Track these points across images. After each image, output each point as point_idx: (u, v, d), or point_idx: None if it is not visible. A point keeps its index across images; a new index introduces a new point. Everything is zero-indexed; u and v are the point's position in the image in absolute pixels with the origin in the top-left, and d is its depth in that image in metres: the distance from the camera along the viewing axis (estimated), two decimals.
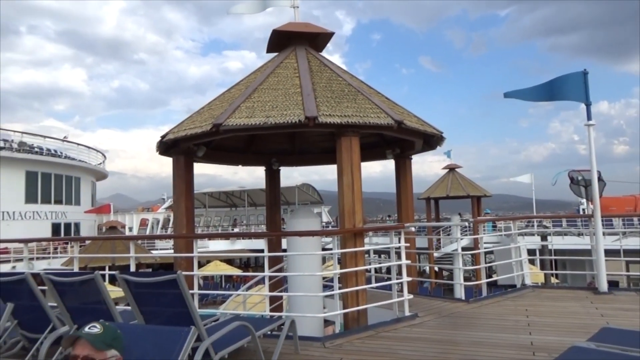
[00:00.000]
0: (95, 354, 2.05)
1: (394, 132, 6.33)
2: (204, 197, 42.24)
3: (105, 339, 2.09)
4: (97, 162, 33.72)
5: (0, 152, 24.75)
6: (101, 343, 2.08)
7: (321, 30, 7.65)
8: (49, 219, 27.09)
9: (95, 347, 2.06)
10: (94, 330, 2.09)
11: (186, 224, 7.03)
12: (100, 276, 3.84)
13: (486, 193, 26.25)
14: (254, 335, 3.77)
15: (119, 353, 2.13)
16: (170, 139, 6.67)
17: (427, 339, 4.99)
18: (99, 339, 2.07)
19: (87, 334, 2.05)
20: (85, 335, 2.05)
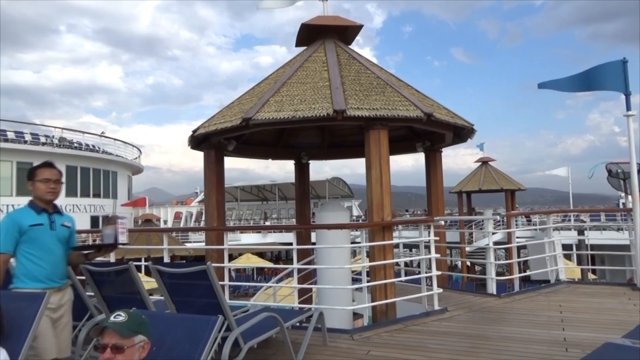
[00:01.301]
0: (123, 341, 2.11)
1: (423, 124, 6.27)
2: (236, 191, 42.85)
3: (131, 325, 2.16)
4: (133, 156, 34.61)
5: (42, 148, 25.74)
6: (127, 330, 2.14)
7: (350, 23, 7.63)
8: (88, 212, 28.03)
9: (122, 335, 2.11)
10: (119, 318, 2.16)
11: (217, 217, 7.16)
12: (134, 267, 3.97)
13: (520, 187, 25.63)
14: (282, 326, 3.82)
15: (146, 338, 2.20)
16: (201, 133, 6.80)
17: (456, 333, 4.96)
18: (124, 327, 2.13)
19: (112, 323, 2.13)
20: (111, 324, 2.13)
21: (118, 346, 2.11)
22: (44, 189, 3.23)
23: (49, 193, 3.25)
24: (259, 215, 45.78)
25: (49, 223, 3.23)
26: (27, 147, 25.16)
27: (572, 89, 7.41)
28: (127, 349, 2.11)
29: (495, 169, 26.05)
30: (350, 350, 4.46)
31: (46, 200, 3.27)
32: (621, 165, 9.65)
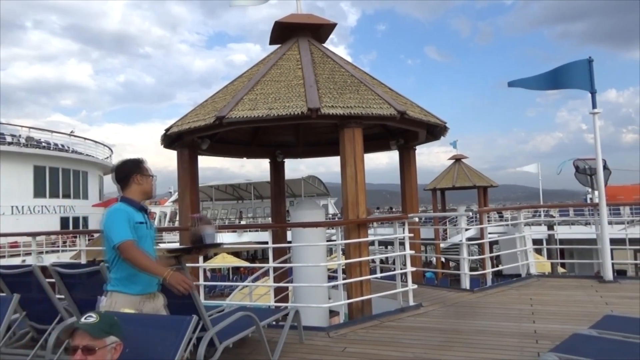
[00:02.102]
0: (94, 342, 2.08)
1: (396, 122, 6.33)
2: (210, 190, 42.40)
3: (103, 326, 2.12)
4: (104, 156, 33.91)
5: (8, 147, 24.95)
6: (99, 331, 2.10)
7: (323, 21, 7.64)
8: (57, 213, 27.32)
9: (93, 336, 2.08)
10: (90, 319, 2.12)
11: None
12: (106, 268, 3.89)
13: (492, 183, 26.16)
14: (258, 325, 3.81)
15: (118, 339, 2.16)
16: (174, 132, 6.71)
17: (430, 328, 5.03)
18: (95, 328, 2.10)
19: (83, 324, 2.09)
20: (82, 325, 2.09)
21: (89, 347, 2.07)
22: (152, 184, 3.07)
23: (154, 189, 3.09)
24: (234, 214, 45.43)
25: (147, 222, 3.02)
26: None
27: (541, 87, 7.59)
28: (98, 350, 2.08)
29: (468, 166, 26.52)
30: (327, 347, 4.48)
31: (150, 196, 3.12)
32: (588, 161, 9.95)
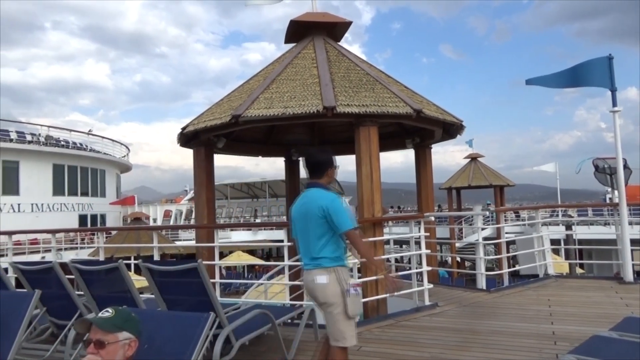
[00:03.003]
0: (106, 336, 2.09)
1: (412, 121, 6.30)
2: (225, 189, 42.67)
3: (116, 321, 2.13)
4: (121, 154, 34.33)
5: (28, 146, 25.42)
6: (111, 325, 2.11)
7: (339, 19, 7.63)
8: (75, 210, 27.75)
9: (104, 330, 2.10)
10: (105, 314, 2.14)
11: (207, 215, 7.14)
12: (124, 265, 3.95)
13: (509, 182, 25.87)
14: (274, 323, 3.83)
15: (132, 335, 2.17)
16: (190, 130, 6.76)
17: (447, 328, 4.99)
18: (108, 322, 2.11)
19: (96, 318, 2.12)
20: (94, 319, 2.11)
21: (100, 341, 2.09)
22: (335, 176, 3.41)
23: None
24: (249, 212, 45.65)
25: None
26: (13, 146, 24.84)
27: (559, 85, 7.48)
28: (108, 345, 2.09)
29: (484, 165, 26.26)
30: None
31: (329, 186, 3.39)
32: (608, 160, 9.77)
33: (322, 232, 3.15)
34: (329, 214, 3.11)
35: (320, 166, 3.33)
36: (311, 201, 3.22)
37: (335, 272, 3.12)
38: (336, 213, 3.11)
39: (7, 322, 2.64)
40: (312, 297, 3.25)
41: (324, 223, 3.14)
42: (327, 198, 3.17)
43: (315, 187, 3.29)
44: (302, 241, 3.28)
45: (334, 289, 3.09)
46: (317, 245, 3.16)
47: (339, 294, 3.08)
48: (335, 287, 3.09)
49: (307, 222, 3.20)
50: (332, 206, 3.12)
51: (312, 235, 3.17)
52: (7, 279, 4.59)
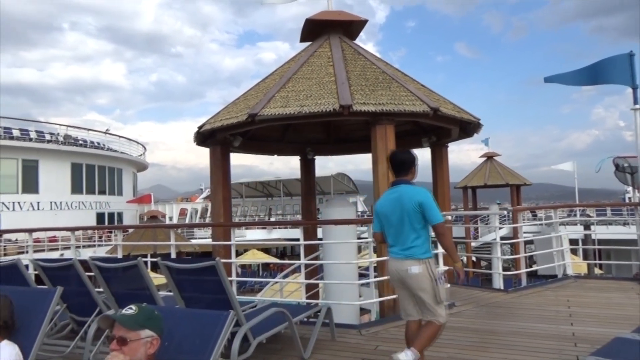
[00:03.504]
0: (128, 334, 2.11)
1: (429, 119, 6.26)
2: (240, 187, 42.90)
3: (138, 319, 2.14)
4: (137, 153, 34.71)
5: (47, 145, 25.85)
6: (133, 323, 2.13)
7: (355, 17, 7.60)
8: (93, 208, 28.15)
9: (126, 327, 2.11)
10: (128, 311, 2.16)
11: (223, 213, 7.17)
12: (143, 263, 3.99)
13: (526, 181, 25.59)
14: (290, 322, 3.83)
15: (154, 333, 2.17)
16: (207, 129, 6.80)
17: (464, 327, 4.95)
18: (131, 319, 2.12)
19: (119, 315, 2.13)
20: (116, 316, 2.13)
21: (123, 338, 2.10)
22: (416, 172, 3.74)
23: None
24: (263, 211, 45.84)
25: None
26: (33, 145, 25.27)
27: (579, 82, 7.37)
28: (131, 342, 2.10)
29: (500, 164, 26.00)
30: (359, 345, 4.47)
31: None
32: (628, 159, 9.60)
33: (415, 224, 3.47)
34: (424, 208, 3.45)
35: (405, 165, 3.65)
36: (406, 196, 3.51)
37: (427, 264, 3.49)
38: (430, 207, 3.46)
39: (30, 319, 2.68)
40: (402, 284, 3.57)
41: (418, 216, 3.46)
42: (422, 194, 3.49)
43: (404, 184, 3.61)
44: (393, 232, 3.59)
45: (426, 278, 3.46)
46: (410, 236, 3.49)
47: (430, 282, 3.46)
48: (427, 276, 3.46)
49: (402, 215, 3.50)
50: (426, 201, 3.46)
51: (407, 227, 3.49)
52: (28, 275, 4.66)
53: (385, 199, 3.69)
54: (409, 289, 3.53)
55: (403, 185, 3.61)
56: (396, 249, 3.56)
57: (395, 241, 3.58)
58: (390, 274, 3.69)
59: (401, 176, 3.66)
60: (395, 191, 3.60)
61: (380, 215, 3.69)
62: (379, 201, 3.74)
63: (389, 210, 3.60)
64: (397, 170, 3.68)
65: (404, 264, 3.48)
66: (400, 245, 3.53)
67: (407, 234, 3.49)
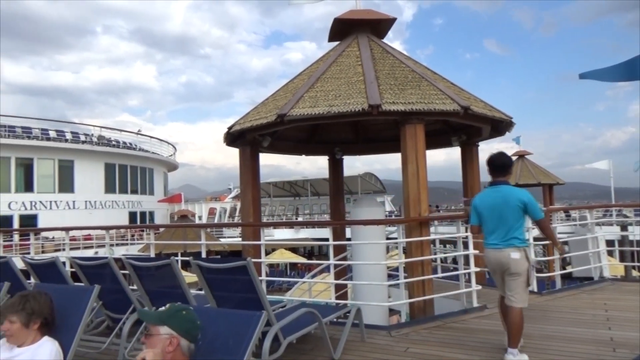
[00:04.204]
0: (152, 328, 2.23)
1: (460, 118, 6.16)
2: (268, 187, 43.25)
3: (161, 315, 2.24)
4: (168, 154, 35.39)
5: (82, 146, 26.61)
6: (155, 318, 2.24)
7: (383, 16, 7.55)
8: (126, 207, 28.85)
9: (147, 322, 2.25)
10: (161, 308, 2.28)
11: (253, 213, 7.23)
12: (176, 262, 4.06)
13: (559, 181, 24.92)
14: (321, 322, 3.83)
15: (174, 332, 2.22)
16: (236, 130, 6.87)
17: (496, 331, 4.84)
18: (152, 315, 2.26)
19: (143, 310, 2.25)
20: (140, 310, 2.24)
21: (149, 331, 2.23)
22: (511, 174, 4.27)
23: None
24: (291, 211, 46.07)
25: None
26: (68, 146, 26.06)
27: (616, 78, 7.10)
28: (152, 336, 2.21)
29: (532, 162, 25.38)
30: (389, 346, 4.43)
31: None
32: None
33: (517, 219, 4.00)
34: (527, 206, 3.98)
35: (505, 167, 4.18)
36: (509, 195, 4.03)
37: (525, 251, 4.01)
38: (533, 205, 4.01)
39: (69, 316, 2.76)
40: (500, 270, 4.06)
41: (520, 212, 3.99)
42: (524, 193, 4.04)
43: (504, 184, 4.12)
44: (493, 225, 4.07)
45: (523, 264, 3.98)
46: (512, 229, 3.99)
47: (525, 268, 3.98)
48: (524, 262, 3.98)
49: (504, 210, 4.00)
50: (529, 200, 4.00)
51: (509, 221, 3.99)
52: (66, 273, 4.80)
53: (486, 196, 4.16)
54: (503, 273, 4.05)
55: (505, 186, 4.11)
56: (496, 240, 4.04)
57: (494, 233, 4.06)
58: (489, 261, 4.15)
59: (500, 177, 4.15)
60: (498, 190, 4.09)
61: (479, 210, 4.17)
62: (479, 198, 4.23)
63: (490, 206, 4.09)
64: (497, 172, 4.16)
65: (505, 251, 3.98)
66: (501, 237, 4.02)
67: (509, 227, 3.99)
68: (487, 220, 4.10)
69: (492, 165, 4.18)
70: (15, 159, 23.92)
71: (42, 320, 2.68)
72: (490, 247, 4.08)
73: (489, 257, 4.13)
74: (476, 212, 4.20)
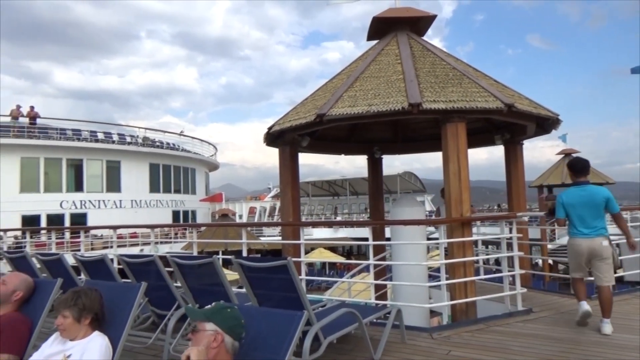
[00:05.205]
0: (198, 324, 2.30)
1: (503, 116, 6.00)
2: (307, 186, 43.46)
3: (206, 312, 2.31)
4: (209, 154, 36.14)
5: (128, 147, 27.56)
6: (199, 314, 2.31)
7: (423, 13, 7.45)
8: (169, 206, 29.67)
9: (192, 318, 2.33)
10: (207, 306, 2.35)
11: (292, 212, 7.28)
12: (218, 260, 4.13)
13: (608, 180, 23.89)
14: (361, 323, 3.81)
15: (219, 329, 2.28)
16: (276, 130, 6.93)
17: (542, 335, 4.70)
18: (198, 312, 2.32)
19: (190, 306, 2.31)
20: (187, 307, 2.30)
21: (195, 327, 2.30)
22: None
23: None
24: (330, 210, 46.13)
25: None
26: (115, 147, 27.04)
27: None
28: (198, 332, 2.27)
29: None
30: (430, 349, 4.37)
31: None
32: None
33: (601, 213, 4.82)
34: (608, 201, 4.79)
35: (585, 169, 4.97)
36: (595, 193, 4.83)
37: (609, 239, 4.83)
38: (613, 202, 4.82)
39: (118, 311, 2.86)
40: (590, 255, 4.81)
41: (603, 207, 4.79)
42: (606, 191, 4.84)
43: (588, 184, 4.91)
44: (580, 218, 4.83)
45: (609, 249, 4.80)
46: (599, 221, 4.82)
47: (611, 252, 4.81)
48: (609, 248, 4.80)
49: (593, 206, 4.79)
50: (610, 197, 4.81)
51: (596, 214, 4.80)
52: (114, 269, 4.98)
53: (574, 194, 4.89)
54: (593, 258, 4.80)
55: (590, 185, 4.90)
56: (586, 230, 4.80)
57: (583, 225, 4.81)
58: (578, 248, 4.85)
59: (582, 177, 4.93)
60: (584, 189, 4.86)
61: (566, 205, 4.90)
62: (567, 195, 4.93)
63: (579, 202, 4.83)
64: (579, 174, 4.94)
65: (597, 240, 4.77)
66: (591, 228, 4.79)
67: (597, 220, 4.80)
68: (575, 214, 4.85)
69: (574, 169, 4.96)
70: (66, 160, 25.02)
71: (92, 316, 2.79)
72: (582, 236, 4.81)
73: (580, 244, 4.83)
74: (563, 207, 4.93)
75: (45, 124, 26.34)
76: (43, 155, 24.19)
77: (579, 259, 4.91)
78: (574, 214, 4.87)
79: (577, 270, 4.98)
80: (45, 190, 24.38)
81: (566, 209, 4.92)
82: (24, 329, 3.08)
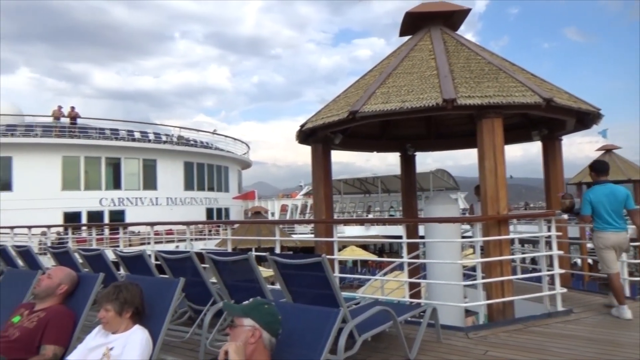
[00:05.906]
0: (236, 320, 2.34)
1: (542, 111, 5.85)
2: (339, 184, 43.40)
3: (245, 308, 2.34)
4: (241, 152, 36.56)
5: (164, 146, 28.19)
6: (237, 310, 2.35)
7: (456, 7, 7.32)
8: (203, 204, 30.20)
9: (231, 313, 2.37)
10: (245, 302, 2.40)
11: (325, 210, 7.29)
12: (253, 257, 4.18)
13: None
14: (395, 321, 3.78)
15: (256, 324, 2.31)
16: (308, 127, 6.95)
17: (583, 337, 4.56)
18: (235, 307, 2.37)
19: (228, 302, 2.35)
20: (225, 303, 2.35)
21: (232, 323, 2.33)
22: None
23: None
24: (361, 208, 45.96)
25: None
26: (152, 146, 27.70)
27: None
28: (236, 327, 2.30)
29: (621, 157, 23.52)
30: (466, 348, 4.29)
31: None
32: None
33: (622, 209, 5.30)
34: (628, 199, 5.29)
35: (606, 170, 5.53)
36: (617, 191, 5.31)
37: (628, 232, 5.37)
38: (631, 198, 5.31)
39: (157, 305, 2.94)
40: (623, 246, 5.36)
41: (623, 204, 5.27)
42: (626, 190, 5.34)
43: (609, 183, 5.40)
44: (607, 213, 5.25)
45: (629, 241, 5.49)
46: (621, 216, 5.29)
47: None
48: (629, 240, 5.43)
49: (617, 203, 5.25)
50: (629, 194, 5.31)
51: (620, 209, 5.29)
52: (152, 265, 5.11)
53: (599, 192, 5.32)
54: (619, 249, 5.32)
55: (611, 184, 5.38)
56: (616, 224, 5.24)
57: (612, 219, 5.24)
58: (610, 240, 5.25)
59: (603, 177, 5.45)
60: (607, 188, 5.33)
61: (594, 202, 5.29)
62: (593, 193, 5.33)
63: (604, 200, 5.26)
64: (601, 173, 5.46)
65: (624, 233, 5.28)
66: (618, 222, 5.25)
67: (620, 215, 5.28)
68: (602, 210, 5.25)
69: (597, 170, 5.52)
70: (105, 158, 25.78)
71: (133, 310, 2.87)
72: (613, 229, 5.23)
73: (609, 237, 5.24)
74: (590, 204, 5.30)
75: (85, 123, 27.22)
76: (83, 154, 24.99)
77: (612, 252, 5.27)
78: (602, 209, 5.24)
79: (613, 263, 5.27)
80: (86, 187, 25.19)
81: (594, 205, 5.29)
82: (68, 321, 3.20)
